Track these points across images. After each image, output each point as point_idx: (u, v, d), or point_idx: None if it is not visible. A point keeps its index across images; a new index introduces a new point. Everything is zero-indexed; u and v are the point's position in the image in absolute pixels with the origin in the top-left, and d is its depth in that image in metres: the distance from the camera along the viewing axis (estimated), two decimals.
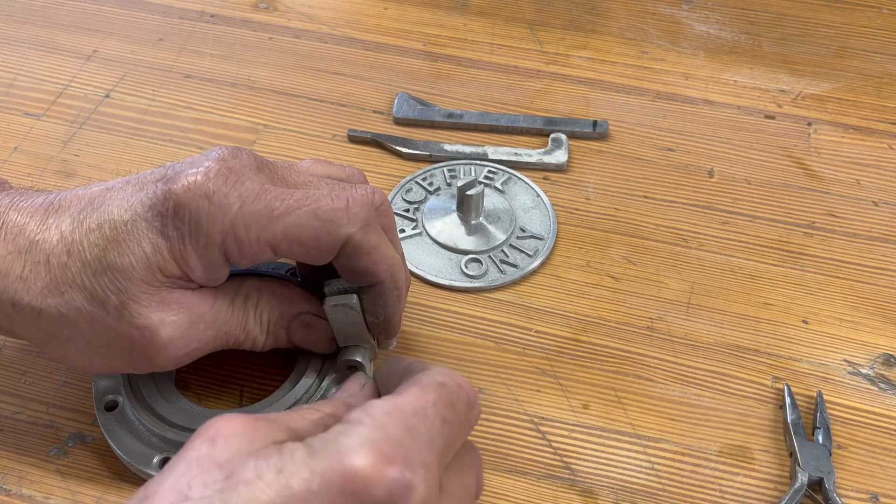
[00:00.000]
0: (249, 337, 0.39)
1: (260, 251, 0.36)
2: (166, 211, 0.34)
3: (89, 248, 0.35)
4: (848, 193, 0.54)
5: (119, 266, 0.34)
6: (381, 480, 0.27)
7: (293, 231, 0.35)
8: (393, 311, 0.40)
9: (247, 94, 0.60)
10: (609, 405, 0.44)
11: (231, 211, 0.34)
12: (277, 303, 0.39)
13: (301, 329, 0.40)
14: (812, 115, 0.59)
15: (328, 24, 0.65)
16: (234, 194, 0.35)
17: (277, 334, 0.40)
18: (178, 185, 0.34)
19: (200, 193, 0.34)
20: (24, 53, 0.63)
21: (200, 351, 0.38)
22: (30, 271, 0.35)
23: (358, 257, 0.37)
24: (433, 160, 0.55)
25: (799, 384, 0.44)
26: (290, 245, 0.36)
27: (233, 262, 0.37)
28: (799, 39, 0.65)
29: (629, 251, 0.50)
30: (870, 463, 0.42)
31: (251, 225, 0.35)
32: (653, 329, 0.47)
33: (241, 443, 0.28)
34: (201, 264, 0.36)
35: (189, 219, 0.34)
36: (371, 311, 0.39)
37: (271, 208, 0.35)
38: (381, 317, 0.39)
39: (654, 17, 0.67)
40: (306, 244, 0.36)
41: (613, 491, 0.40)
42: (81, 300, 0.35)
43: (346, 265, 0.37)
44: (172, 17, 0.66)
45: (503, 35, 0.65)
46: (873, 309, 0.48)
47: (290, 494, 0.27)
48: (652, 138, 0.57)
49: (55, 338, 0.36)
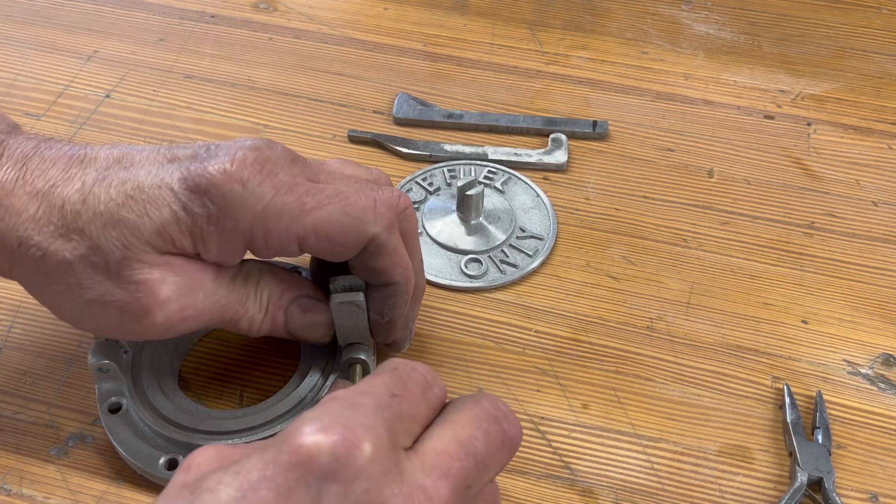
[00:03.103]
0: (247, 315, 0.38)
1: (287, 242, 0.36)
2: (196, 188, 0.34)
3: (106, 200, 0.35)
4: (847, 193, 0.54)
5: (129, 222, 0.34)
6: (322, 447, 0.28)
7: (323, 225, 0.36)
8: (398, 314, 0.40)
9: (247, 94, 0.60)
10: (609, 405, 0.44)
11: (264, 200, 0.35)
12: (278, 283, 0.39)
13: (300, 313, 0.40)
14: (812, 115, 0.59)
15: (328, 25, 0.65)
16: (267, 184, 0.35)
17: (276, 316, 0.39)
18: (214, 167, 0.34)
19: (236, 178, 0.34)
20: (25, 54, 0.63)
21: (195, 321, 0.37)
22: (43, 213, 0.35)
23: (379, 256, 0.37)
24: (433, 160, 0.55)
25: (798, 384, 0.44)
26: (317, 239, 0.36)
27: (254, 251, 0.37)
28: (798, 40, 0.65)
29: (629, 251, 0.51)
30: (869, 463, 0.42)
31: (282, 215, 0.35)
32: (652, 329, 0.47)
33: (210, 466, 0.29)
34: (218, 247, 0.36)
35: (221, 201, 0.34)
36: (378, 311, 0.40)
37: (303, 201, 0.35)
38: (386, 317, 0.40)
39: (654, 17, 0.67)
40: (334, 239, 0.36)
41: (613, 491, 0.40)
42: (85, 248, 0.35)
43: (364, 263, 0.38)
44: (173, 17, 0.66)
45: (503, 35, 0.65)
46: (873, 309, 0.48)
47: (248, 487, 0.28)
48: (651, 138, 0.57)
49: (53, 283, 0.36)
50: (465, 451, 0.30)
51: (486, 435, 0.31)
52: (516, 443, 0.33)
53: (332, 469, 0.28)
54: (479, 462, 0.31)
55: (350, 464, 0.28)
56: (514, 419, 0.33)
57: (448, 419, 0.32)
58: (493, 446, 0.31)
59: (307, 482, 0.28)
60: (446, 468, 0.30)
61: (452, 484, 0.29)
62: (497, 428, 0.32)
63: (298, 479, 0.28)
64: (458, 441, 0.31)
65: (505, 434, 0.32)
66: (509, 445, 0.32)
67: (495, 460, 0.32)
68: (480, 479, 0.31)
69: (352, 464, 0.28)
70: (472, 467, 0.30)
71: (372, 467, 0.28)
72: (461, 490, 0.30)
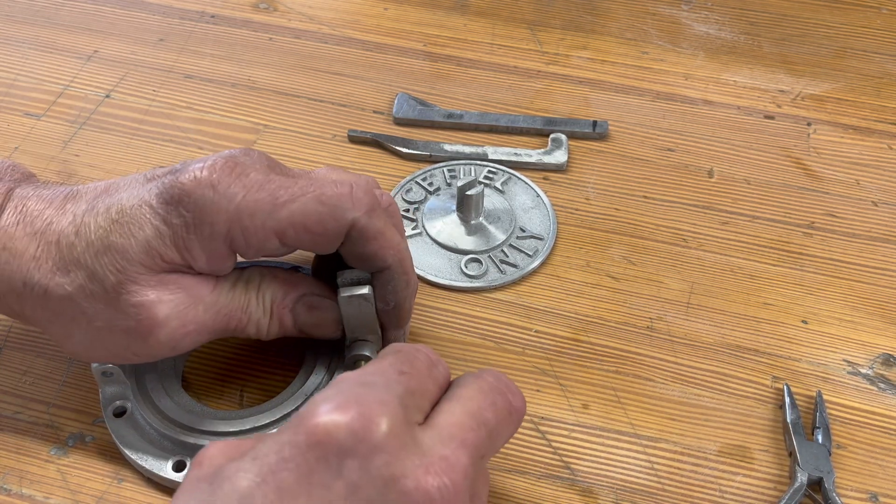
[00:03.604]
0: (252, 320, 0.39)
1: (266, 239, 0.36)
2: (171, 199, 0.35)
3: (95, 229, 0.36)
4: (847, 193, 0.54)
5: (119, 247, 0.35)
6: (340, 425, 0.29)
7: (298, 217, 0.36)
8: (403, 297, 0.40)
9: (247, 94, 0.60)
10: (609, 405, 0.44)
11: (235, 200, 0.35)
12: (280, 285, 0.39)
13: (306, 311, 0.40)
14: (811, 115, 0.59)
15: (328, 25, 0.65)
16: (238, 184, 0.35)
17: (282, 317, 0.39)
18: (185, 177, 0.35)
19: (206, 183, 0.35)
20: (25, 54, 0.63)
21: (200, 335, 0.37)
22: (42, 251, 0.36)
23: (364, 242, 0.37)
24: (433, 160, 0.55)
25: (798, 384, 0.44)
26: (296, 232, 0.36)
27: (239, 252, 0.37)
28: (798, 40, 0.65)
29: (629, 251, 0.51)
30: (869, 463, 0.42)
31: (256, 213, 0.35)
32: (652, 329, 0.47)
33: (222, 459, 0.30)
34: (205, 254, 0.36)
35: (193, 207, 0.35)
36: (381, 298, 0.39)
37: (275, 196, 0.36)
38: (391, 303, 0.40)
39: (654, 17, 0.67)
40: (312, 230, 0.36)
41: (613, 490, 0.40)
42: (83, 278, 0.36)
43: (352, 251, 0.38)
44: (173, 17, 0.66)
45: (503, 35, 0.65)
46: (873, 309, 0.48)
47: (267, 471, 0.28)
48: (652, 138, 0.57)
49: (59, 317, 0.37)
50: (476, 422, 0.32)
51: (493, 406, 0.33)
52: (521, 413, 0.34)
53: (351, 445, 0.29)
54: (490, 431, 0.32)
55: (368, 439, 0.29)
56: (517, 391, 0.34)
57: (456, 394, 0.33)
58: (502, 416, 0.33)
59: (327, 460, 0.28)
60: (462, 438, 0.31)
61: (470, 452, 0.31)
62: (503, 399, 0.33)
63: (318, 458, 0.28)
64: (469, 413, 0.32)
65: (511, 405, 0.33)
66: (516, 416, 0.34)
67: (504, 430, 0.33)
68: (492, 448, 0.33)
69: (370, 439, 0.29)
70: (486, 436, 0.32)
71: (390, 441, 0.29)
72: (476, 459, 0.31)
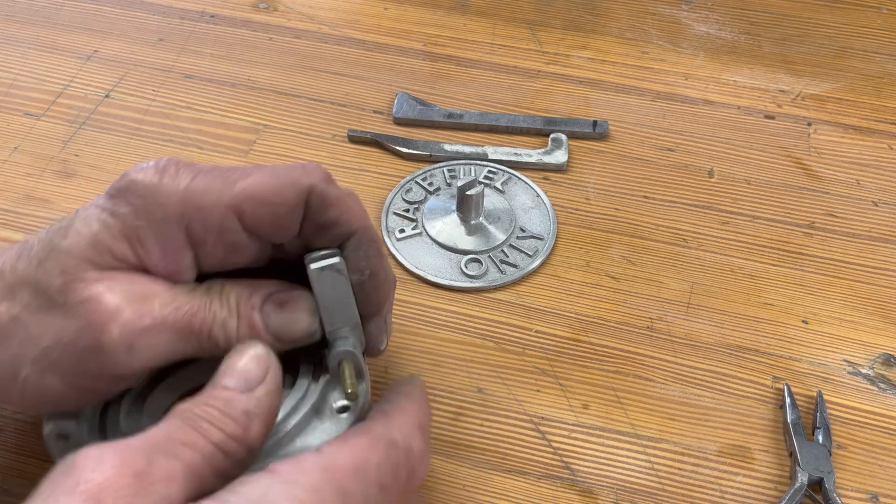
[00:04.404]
0: (218, 319, 0.34)
1: (224, 218, 0.33)
2: (118, 191, 0.33)
3: (39, 243, 0.34)
4: (848, 193, 0.54)
5: (63, 248, 0.33)
6: None
7: (255, 189, 0.34)
8: (377, 265, 0.36)
9: (247, 94, 0.60)
10: (609, 405, 0.44)
11: (185, 180, 0.33)
12: (245, 287, 0.36)
13: (277, 310, 0.35)
14: (812, 115, 0.59)
15: (328, 25, 0.65)
16: (186, 170, 0.34)
17: (251, 318, 0.35)
18: (131, 172, 0.34)
19: (153, 172, 0.34)
20: (25, 53, 0.63)
21: (161, 334, 0.33)
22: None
23: (326, 208, 0.35)
24: (433, 160, 0.55)
25: (799, 384, 0.44)
26: (253, 206, 0.34)
27: (198, 241, 0.34)
28: (799, 40, 0.65)
29: (629, 251, 0.51)
30: (870, 463, 0.42)
31: (209, 189, 0.33)
32: (653, 329, 0.47)
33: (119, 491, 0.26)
34: (158, 244, 0.33)
35: (143, 192, 0.33)
36: (355, 268, 0.36)
37: (227, 175, 0.34)
38: (365, 271, 0.36)
39: (654, 17, 0.67)
40: (271, 200, 0.34)
41: (613, 491, 0.40)
42: (28, 295, 0.33)
43: (315, 221, 0.35)
44: (173, 17, 0.66)
45: (503, 35, 0.65)
46: (873, 309, 0.48)
47: None
48: (652, 138, 0.57)
49: (7, 347, 0.33)
50: None
51: None
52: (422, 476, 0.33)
53: None
54: None
55: None
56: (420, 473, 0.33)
57: None
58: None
59: None
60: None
61: None
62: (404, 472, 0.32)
63: None
64: None
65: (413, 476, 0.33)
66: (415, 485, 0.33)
67: None
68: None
69: None
70: None
71: None
72: None
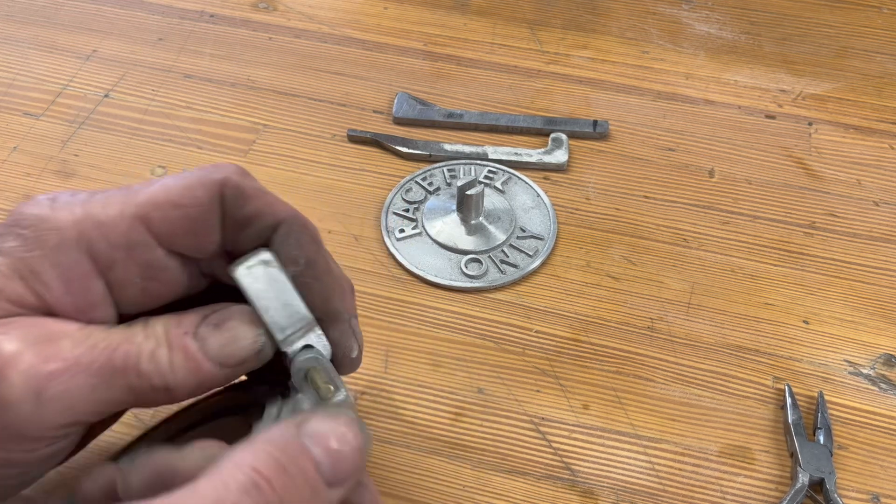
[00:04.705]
0: (145, 351, 0.29)
1: (130, 231, 0.29)
2: (5, 226, 0.29)
3: None
4: (849, 193, 0.54)
5: None
6: None
7: (160, 194, 0.29)
8: (313, 252, 0.31)
9: (247, 93, 0.60)
10: (609, 405, 0.43)
11: (79, 200, 0.29)
12: (172, 315, 0.30)
13: (214, 332, 0.30)
14: (813, 114, 0.59)
15: (328, 24, 0.65)
16: (82, 193, 0.30)
17: (185, 346, 0.29)
18: (20, 204, 0.30)
19: (44, 200, 0.30)
20: (24, 53, 0.63)
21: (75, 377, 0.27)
22: None
23: (245, 201, 0.30)
24: (433, 160, 0.55)
25: (800, 384, 0.44)
26: (162, 211, 0.29)
27: (104, 264, 0.29)
28: (799, 39, 0.65)
29: (629, 251, 0.50)
30: (871, 463, 0.42)
31: (110, 202, 0.29)
32: (653, 329, 0.47)
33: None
34: (58, 275, 0.28)
35: (33, 220, 0.29)
36: (288, 258, 0.31)
37: (128, 189, 0.30)
38: (300, 260, 0.31)
39: (655, 16, 0.67)
40: (181, 201, 0.29)
41: (614, 491, 0.40)
42: None
43: (235, 217, 0.31)
44: (172, 16, 0.66)
45: (503, 35, 0.65)
46: (874, 309, 0.48)
47: None
48: (652, 138, 0.57)
49: None
50: None
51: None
52: None
53: None
54: None
55: None
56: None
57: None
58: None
59: None
60: None
61: None
62: None
63: None
64: None
65: None
66: None
67: None
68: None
69: None
70: None
71: None
72: None
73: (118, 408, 0.29)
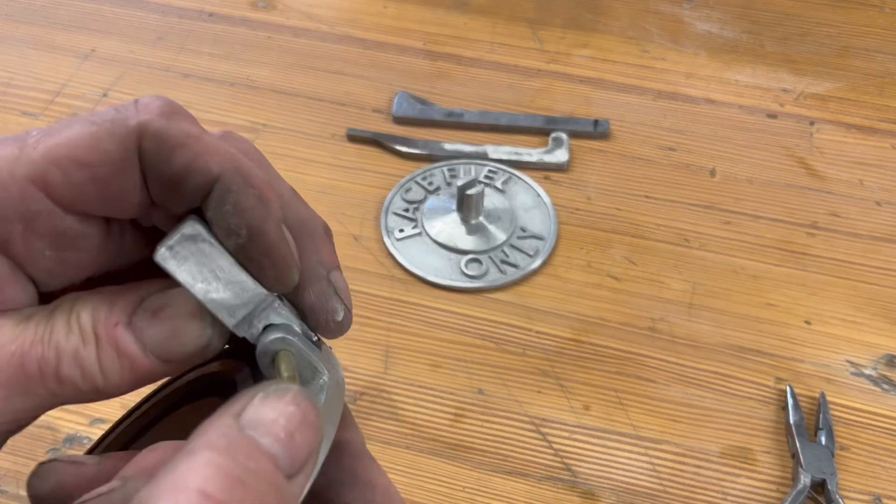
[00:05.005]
0: (65, 353, 0.24)
1: (24, 197, 0.23)
2: None
3: None
4: (850, 193, 0.54)
5: None
6: None
7: (60, 148, 0.23)
8: (260, 218, 0.24)
9: (246, 93, 0.60)
10: (610, 406, 0.43)
11: None
12: (103, 298, 0.25)
13: (152, 321, 0.24)
14: (814, 114, 0.59)
15: (327, 23, 0.65)
16: None
17: (117, 340, 0.24)
18: None
19: None
20: (22, 53, 0.62)
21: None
22: None
23: (169, 153, 0.23)
24: (433, 159, 0.55)
25: (801, 385, 0.44)
26: (64, 171, 0.23)
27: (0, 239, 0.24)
28: (801, 39, 0.65)
29: (630, 251, 0.50)
30: (873, 464, 0.41)
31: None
32: (654, 329, 0.46)
33: None
34: None
35: None
36: (223, 229, 0.24)
37: (21, 139, 0.23)
38: (241, 231, 0.24)
39: (656, 15, 0.66)
40: (87, 159, 0.23)
41: (615, 492, 0.40)
42: None
43: (159, 176, 0.24)
44: (171, 16, 0.66)
45: (504, 34, 0.65)
46: (876, 309, 0.48)
47: None
48: (653, 138, 0.57)
49: None
50: None
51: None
52: None
53: None
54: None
55: None
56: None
57: None
58: None
59: None
60: None
61: None
62: None
63: None
64: None
65: None
66: None
67: None
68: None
69: None
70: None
71: None
72: None
73: (42, 412, 0.25)
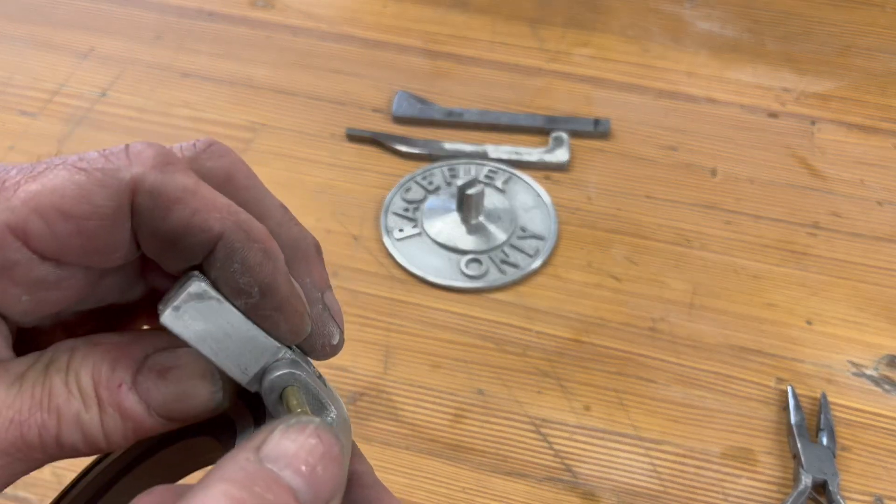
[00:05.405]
0: (66, 418, 0.22)
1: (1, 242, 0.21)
2: None
3: None
4: (852, 193, 0.54)
5: None
6: None
7: (44, 196, 0.21)
8: (268, 274, 0.23)
9: (245, 92, 0.59)
10: (611, 407, 0.43)
11: None
12: (104, 353, 0.23)
13: (157, 381, 0.23)
14: (816, 113, 0.59)
15: (327, 22, 0.65)
16: None
17: (120, 402, 0.23)
18: None
19: None
20: (21, 51, 0.62)
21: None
22: None
23: (165, 210, 0.22)
24: (433, 159, 0.55)
25: (803, 385, 0.44)
26: (46, 221, 0.21)
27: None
28: (802, 37, 0.64)
29: (631, 251, 0.50)
30: (874, 465, 0.41)
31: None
32: (655, 330, 0.46)
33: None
34: None
35: None
36: (233, 289, 0.23)
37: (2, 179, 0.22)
38: (254, 289, 0.23)
39: (656, 14, 0.66)
40: (71, 211, 0.21)
41: (615, 493, 0.40)
42: None
43: (155, 232, 0.22)
44: (170, 14, 0.65)
45: (504, 32, 0.64)
46: (877, 309, 0.47)
47: None
48: (654, 137, 0.57)
49: None
50: None
51: None
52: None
53: None
54: None
55: None
56: None
57: None
58: None
59: None
60: None
61: None
62: None
63: None
64: None
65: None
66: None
67: None
68: None
69: None
70: None
71: None
72: None
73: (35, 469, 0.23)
